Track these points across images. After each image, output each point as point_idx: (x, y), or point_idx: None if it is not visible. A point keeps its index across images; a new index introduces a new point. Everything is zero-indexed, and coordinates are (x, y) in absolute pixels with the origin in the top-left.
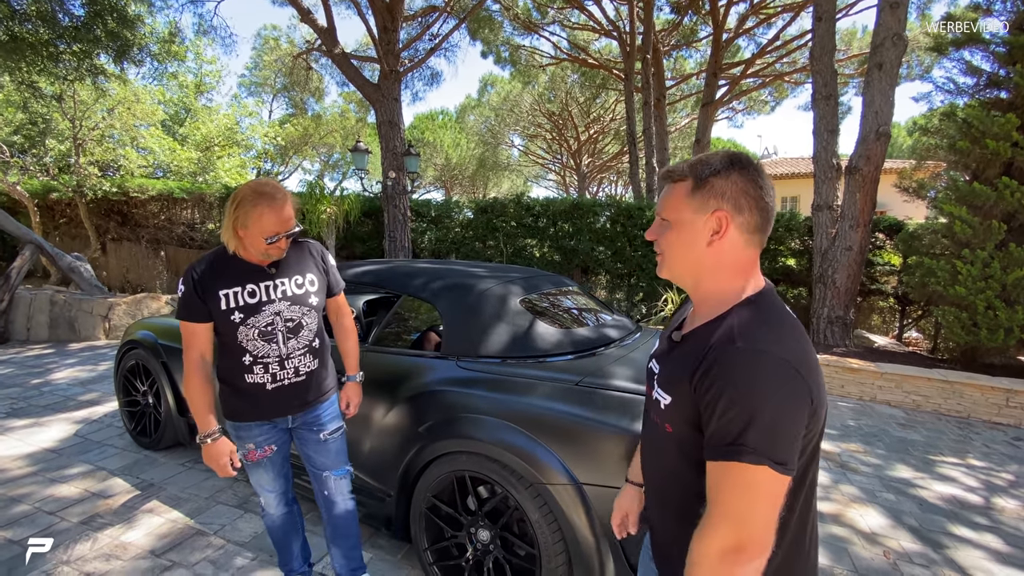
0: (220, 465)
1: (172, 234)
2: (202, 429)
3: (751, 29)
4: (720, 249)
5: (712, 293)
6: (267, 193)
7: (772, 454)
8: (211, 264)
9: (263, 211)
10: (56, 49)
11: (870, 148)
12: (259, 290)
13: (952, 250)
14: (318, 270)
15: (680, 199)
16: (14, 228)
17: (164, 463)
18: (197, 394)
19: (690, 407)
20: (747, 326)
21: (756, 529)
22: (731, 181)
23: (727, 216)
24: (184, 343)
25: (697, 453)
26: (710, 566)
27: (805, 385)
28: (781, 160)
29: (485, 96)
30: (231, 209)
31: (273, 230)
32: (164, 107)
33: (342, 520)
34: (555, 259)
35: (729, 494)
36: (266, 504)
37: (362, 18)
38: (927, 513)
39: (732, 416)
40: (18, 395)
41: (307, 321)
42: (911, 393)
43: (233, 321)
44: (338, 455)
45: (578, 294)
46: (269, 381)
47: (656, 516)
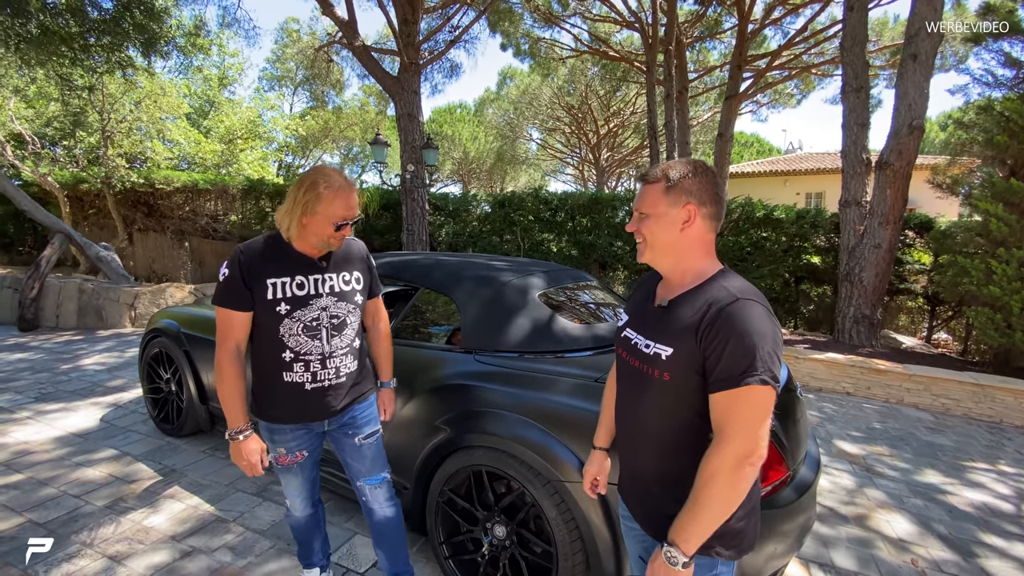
0: (250, 464)
1: (196, 225)
2: (232, 425)
3: (778, 19)
4: (689, 234)
5: (688, 268)
6: (336, 179)
7: (771, 374)
8: (262, 249)
9: (333, 196)
10: (86, 42)
11: (902, 142)
12: (308, 283)
13: (987, 248)
14: (363, 269)
15: (656, 196)
16: (44, 218)
17: (186, 450)
18: (229, 388)
19: (694, 353)
20: (737, 287)
21: (762, 437)
22: (695, 181)
23: (694, 208)
24: (219, 332)
25: (691, 394)
26: (727, 473)
27: (778, 325)
28: (806, 155)
29: (504, 89)
30: (299, 194)
31: (342, 215)
32: (189, 100)
33: (382, 527)
34: (573, 254)
35: (740, 413)
36: (291, 506)
37: (383, 10)
38: (957, 520)
39: (741, 352)
40: (47, 380)
41: (351, 320)
42: (940, 396)
43: (278, 312)
44: (374, 461)
45: (597, 289)
46: (308, 380)
47: (641, 461)
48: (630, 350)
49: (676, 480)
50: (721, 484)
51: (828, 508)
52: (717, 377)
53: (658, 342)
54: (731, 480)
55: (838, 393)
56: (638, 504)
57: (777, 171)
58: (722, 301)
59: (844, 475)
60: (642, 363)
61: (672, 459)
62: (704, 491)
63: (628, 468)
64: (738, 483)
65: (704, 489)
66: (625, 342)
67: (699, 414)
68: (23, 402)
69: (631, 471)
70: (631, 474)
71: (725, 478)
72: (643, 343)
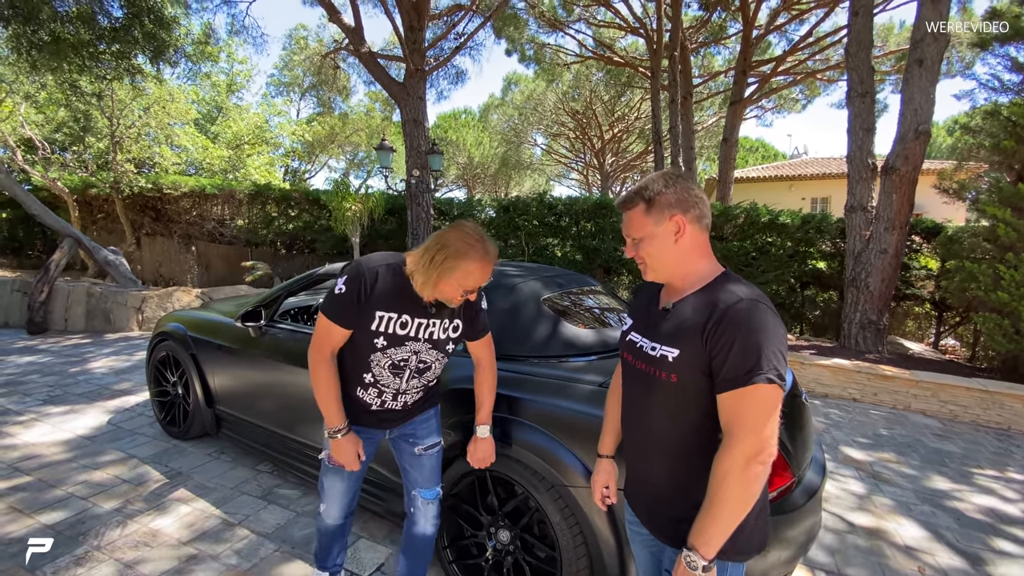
0: (349, 460)
1: (203, 229)
2: (331, 424)
3: (783, 25)
4: (684, 242)
5: (690, 272)
6: (484, 250)
7: (778, 373)
8: (383, 278)
9: (475, 268)
10: (96, 49)
11: (908, 147)
12: (411, 324)
13: (994, 254)
14: (465, 316)
15: (640, 220)
16: (54, 222)
17: (192, 452)
18: (326, 389)
19: (700, 354)
20: (742, 288)
21: (771, 435)
22: (672, 191)
23: (681, 217)
24: (316, 338)
25: (698, 396)
26: (738, 472)
27: (783, 326)
28: (812, 160)
29: (509, 95)
30: (440, 255)
31: (475, 286)
32: (197, 106)
33: (419, 540)
34: (577, 258)
35: (747, 412)
36: (325, 512)
37: (389, 17)
38: (965, 528)
39: (748, 351)
40: (55, 383)
41: (436, 367)
42: (948, 402)
43: (375, 344)
44: (431, 473)
45: (601, 294)
46: (376, 404)
47: (649, 465)
48: (636, 353)
49: (685, 483)
50: (733, 485)
51: (835, 515)
52: (724, 377)
53: (664, 344)
54: (743, 480)
55: (844, 399)
56: (645, 509)
57: (782, 176)
58: (727, 302)
59: (851, 481)
60: (649, 366)
61: (681, 462)
62: (718, 493)
63: (635, 472)
64: (750, 482)
65: (718, 491)
66: (630, 346)
67: (707, 415)
68: (31, 404)
69: (638, 475)
70: (638, 478)
71: (736, 478)
72: (649, 346)
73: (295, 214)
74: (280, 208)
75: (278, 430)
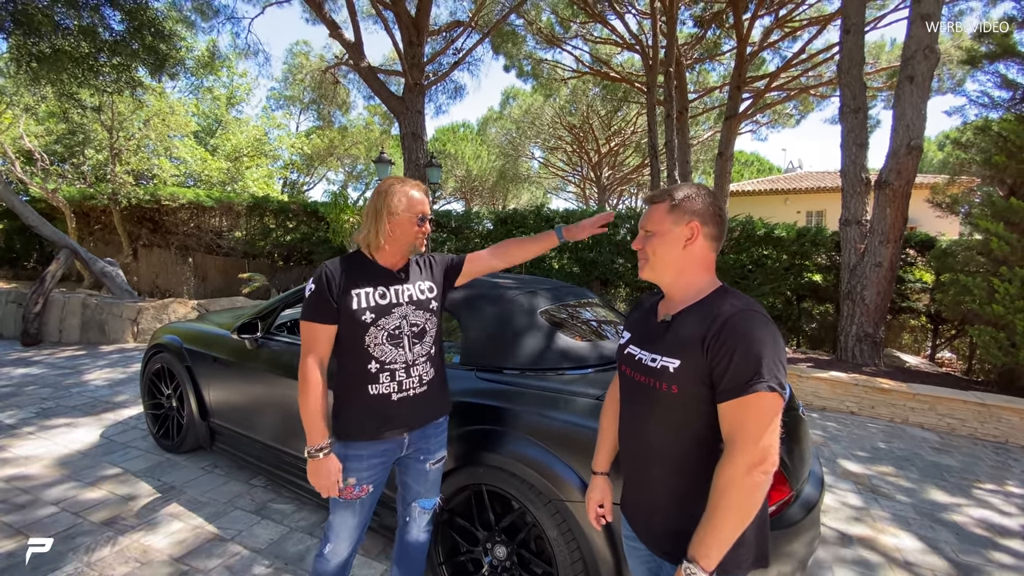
0: (328, 484)
1: (200, 241)
2: (313, 441)
3: (776, 43)
4: (692, 251)
5: (689, 284)
6: (407, 179)
7: (778, 381)
8: (346, 265)
9: (409, 191)
10: (96, 62)
11: (901, 162)
12: (389, 292)
13: (988, 267)
14: (435, 279)
15: (661, 215)
16: (51, 233)
17: (185, 466)
18: (312, 402)
19: (701, 364)
20: (740, 299)
21: (772, 444)
22: (699, 201)
23: (697, 226)
24: (304, 347)
25: (699, 406)
26: (740, 482)
27: (781, 337)
28: (806, 174)
29: (506, 109)
30: (380, 200)
31: (420, 209)
32: (197, 119)
33: (413, 548)
34: (574, 271)
35: (749, 421)
36: (331, 550)
37: (388, 33)
38: (964, 542)
39: (748, 360)
40: (49, 395)
41: (429, 327)
42: (945, 416)
43: (364, 322)
44: (434, 485)
45: (599, 306)
46: (395, 391)
47: (649, 478)
48: (634, 366)
49: (686, 496)
50: (735, 495)
51: (833, 529)
52: (725, 387)
53: (665, 355)
54: (745, 490)
55: (842, 412)
56: (644, 523)
57: (777, 190)
58: (727, 313)
59: (849, 495)
60: (648, 378)
61: (682, 474)
62: (720, 503)
63: (634, 486)
64: (752, 492)
65: (719, 501)
66: (628, 359)
67: (708, 426)
68: (25, 417)
69: (638, 489)
70: (638, 492)
71: (738, 488)
72: (648, 358)
73: (293, 226)
74: (278, 220)
75: (273, 443)
